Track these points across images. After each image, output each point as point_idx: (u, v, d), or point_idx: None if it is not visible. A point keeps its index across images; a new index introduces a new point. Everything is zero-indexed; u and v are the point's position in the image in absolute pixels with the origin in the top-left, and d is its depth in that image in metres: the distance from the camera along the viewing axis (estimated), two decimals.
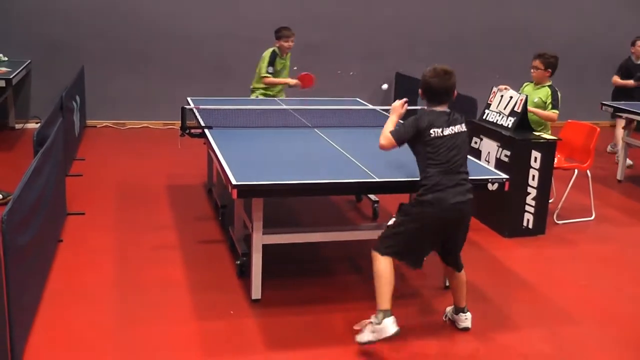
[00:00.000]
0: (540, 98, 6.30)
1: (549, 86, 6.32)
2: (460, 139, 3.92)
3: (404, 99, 4.24)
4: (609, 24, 10.53)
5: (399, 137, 3.93)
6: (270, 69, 7.47)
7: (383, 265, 3.89)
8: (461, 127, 3.95)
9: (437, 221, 3.88)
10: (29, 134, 6.92)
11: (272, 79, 7.50)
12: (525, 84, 6.58)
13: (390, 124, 4.04)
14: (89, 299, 4.35)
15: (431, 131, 3.83)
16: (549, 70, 6.31)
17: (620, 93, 8.94)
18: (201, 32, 9.45)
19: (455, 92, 4.00)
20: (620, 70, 9.04)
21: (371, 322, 3.79)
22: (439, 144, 3.84)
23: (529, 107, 6.08)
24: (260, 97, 7.55)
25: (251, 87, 7.70)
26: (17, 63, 8.53)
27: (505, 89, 6.25)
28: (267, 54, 7.53)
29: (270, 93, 7.59)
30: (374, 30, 10.00)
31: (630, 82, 8.73)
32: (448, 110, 3.96)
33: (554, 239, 5.89)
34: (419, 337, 4.06)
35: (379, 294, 3.85)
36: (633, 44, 8.97)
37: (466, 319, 4.16)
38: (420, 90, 3.99)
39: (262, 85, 7.56)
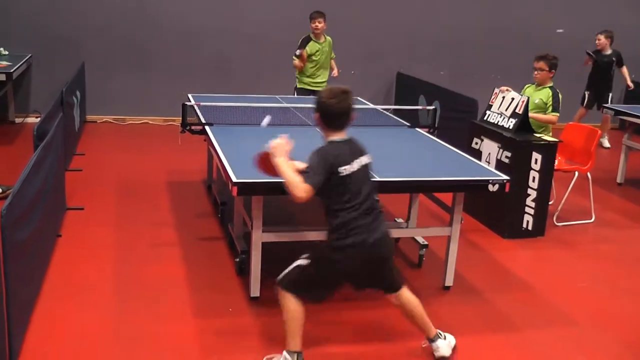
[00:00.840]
0: (542, 99, 6.29)
1: (550, 87, 6.32)
2: (368, 170, 3.58)
3: (285, 135, 3.64)
4: (610, 25, 10.49)
5: (316, 184, 3.38)
6: (297, 52, 7.67)
7: (294, 304, 3.57)
8: (367, 158, 3.57)
9: (359, 265, 3.53)
10: (29, 129, 6.90)
11: (295, 62, 7.73)
12: (527, 86, 6.58)
13: (288, 170, 3.45)
14: (87, 295, 4.34)
15: (340, 169, 3.41)
16: (553, 71, 6.31)
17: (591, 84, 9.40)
18: (202, 28, 9.44)
19: (354, 114, 3.55)
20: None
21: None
22: (350, 182, 3.44)
23: (529, 113, 6.07)
24: (300, 87, 7.81)
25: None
26: (18, 57, 8.52)
27: (507, 90, 6.24)
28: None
29: (308, 84, 7.78)
30: (375, 30, 9.99)
31: None
32: (348, 138, 3.55)
33: (553, 240, 5.89)
34: (418, 337, 4.05)
35: (291, 334, 3.59)
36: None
37: (438, 348, 3.80)
38: (316, 115, 3.54)
39: (299, 75, 7.81)
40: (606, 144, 9.63)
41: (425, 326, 3.82)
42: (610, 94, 9.20)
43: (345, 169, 3.42)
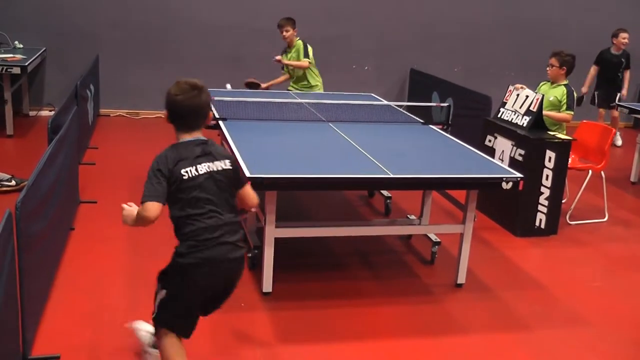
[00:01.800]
0: (556, 97, 6.26)
1: (565, 85, 6.28)
2: (223, 178, 3.10)
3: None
4: (627, 23, 10.42)
5: (159, 195, 3.07)
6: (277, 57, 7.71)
7: (168, 342, 3.16)
8: (224, 164, 3.11)
9: (207, 286, 3.14)
10: (43, 122, 6.92)
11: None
12: (542, 83, 6.54)
13: (128, 215, 3.32)
14: (99, 287, 4.36)
15: (182, 172, 3.03)
16: (564, 68, 6.27)
17: (601, 84, 9.26)
18: (217, 23, 9.44)
19: (211, 114, 3.26)
20: (597, 60, 9.27)
21: None
22: (194, 186, 3.03)
23: (544, 111, 6.04)
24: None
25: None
26: (33, 50, 8.55)
27: (522, 88, 6.21)
28: None
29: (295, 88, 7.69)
30: (389, 26, 9.96)
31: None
32: (202, 138, 3.13)
33: (566, 239, 5.86)
34: (429, 335, 4.05)
35: None
36: (615, 35, 8.98)
37: None
38: (165, 113, 3.17)
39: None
40: (618, 141, 9.56)
41: None
42: (619, 94, 9.10)
43: (189, 171, 3.04)
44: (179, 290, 3.15)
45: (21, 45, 8.73)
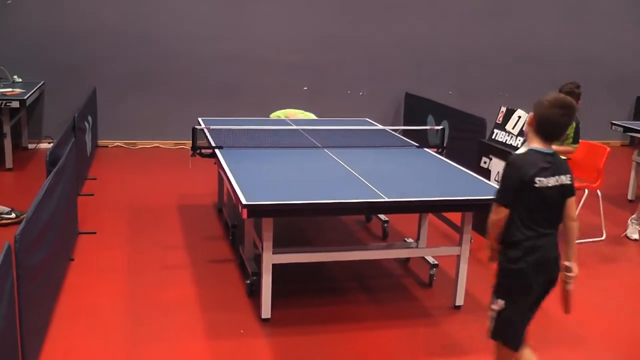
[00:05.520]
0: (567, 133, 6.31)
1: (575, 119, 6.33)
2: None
3: None
4: (617, 43, 10.55)
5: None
6: None
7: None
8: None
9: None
10: (42, 154, 6.98)
11: None
12: None
13: None
14: (99, 318, 4.37)
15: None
16: (579, 101, 6.33)
17: None
18: (212, 53, 9.53)
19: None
20: None
21: None
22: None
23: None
24: None
25: None
26: (32, 84, 8.63)
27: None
28: None
29: None
30: (383, 51, 10.05)
31: None
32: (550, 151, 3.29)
33: (564, 258, 5.86)
34: (429, 357, 4.06)
35: None
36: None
37: None
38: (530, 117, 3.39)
39: None
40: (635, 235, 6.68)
41: None
42: None
43: None
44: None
45: (20, 79, 8.81)
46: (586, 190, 6.25)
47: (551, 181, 3.22)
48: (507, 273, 3.33)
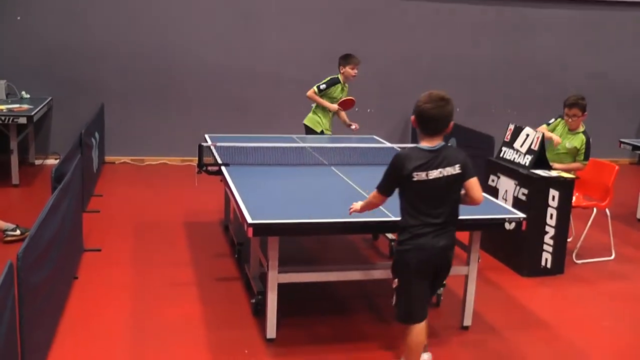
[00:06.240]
0: (575, 147, 6.30)
1: (583, 132, 6.34)
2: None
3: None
4: (626, 59, 10.51)
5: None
6: (323, 86, 7.35)
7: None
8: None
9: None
10: (48, 170, 6.97)
11: (315, 97, 7.35)
12: (558, 120, 6.52)
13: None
14: (103, 337, 4.33)
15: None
16: (586, 113, 6.34)
17: None
18: (219, 69, 9.53)
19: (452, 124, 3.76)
20: None
21: None
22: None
23: (556, 165, 6.11)
24: (309, 125, 7.46)
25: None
26: (39, 100, 8.65)
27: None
28: (329, 77, 7.45)
29: (321, 122, 7.48)
30: (391, 68, 10.04)
31: None
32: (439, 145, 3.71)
33: (573, 278, 5.81)
34: None
35: None
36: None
37: None
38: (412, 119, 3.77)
39: (312, 113, 7.51)
40: None
41: None
42: None
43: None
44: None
45: (28, 95, 8.83)
46: (595, 209, 6.20)
47: (432, 174, 3.59)
48: (397, 255, 3.77)
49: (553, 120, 6.59)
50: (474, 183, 3.72)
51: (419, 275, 3.69)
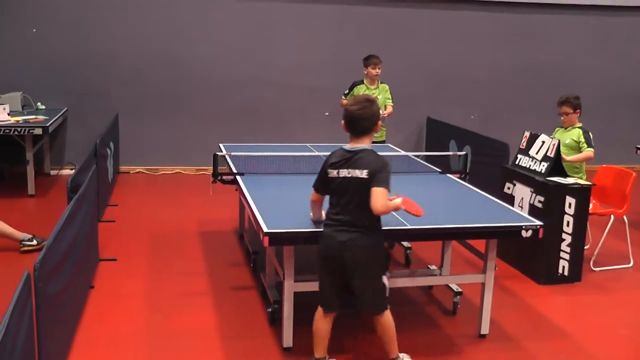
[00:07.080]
0: (573, 139, 6.28)
1: (579, 127, 6.32)
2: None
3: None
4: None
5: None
6: (346, 91, 7.69)
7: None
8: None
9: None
10: (64, 181, 7.01)
11: (343, 101, 7.56)
12: (557, 129, 6.56)
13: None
14: (119, 346, 4.34)
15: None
16: (578, 110, 6.35)
17: None
18: (232, 78, 9.57)
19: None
20: None
21: None
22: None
23: (566, 157, 6.06)
24: None
25: None
26: (55, 111, 8.71)
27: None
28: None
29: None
30: (404, 75, 10.02)
31: None
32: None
33: (590, 286, 5.76)
34: None
35: None
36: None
37: None
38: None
39: None
40: None
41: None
42: None
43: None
44: None
45: (43, 107, 8.90)
46: (612, 217, 6.15)
47: (342, 173, 3.82)
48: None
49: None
50: (375, 192, 3.74)
51: (325, 262, 3.95)
